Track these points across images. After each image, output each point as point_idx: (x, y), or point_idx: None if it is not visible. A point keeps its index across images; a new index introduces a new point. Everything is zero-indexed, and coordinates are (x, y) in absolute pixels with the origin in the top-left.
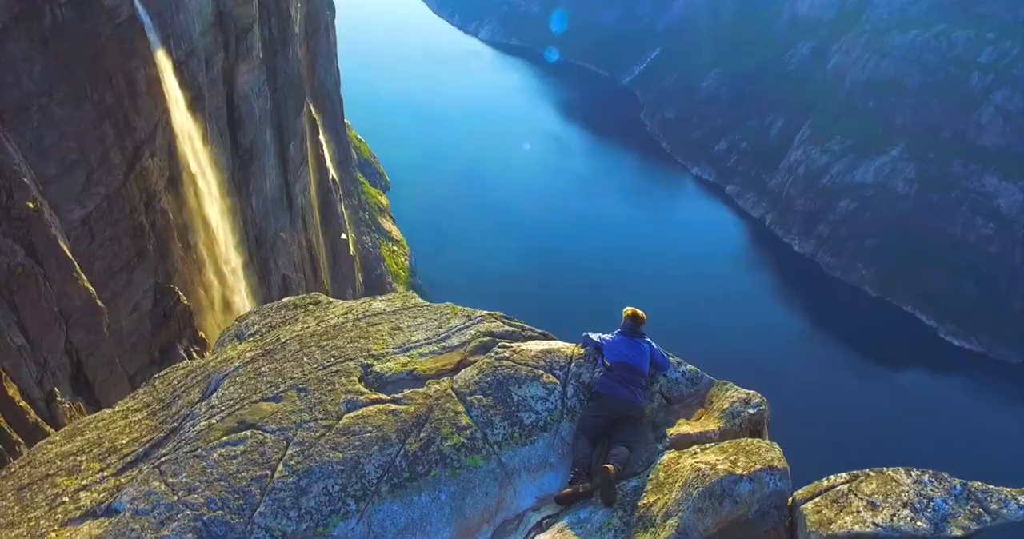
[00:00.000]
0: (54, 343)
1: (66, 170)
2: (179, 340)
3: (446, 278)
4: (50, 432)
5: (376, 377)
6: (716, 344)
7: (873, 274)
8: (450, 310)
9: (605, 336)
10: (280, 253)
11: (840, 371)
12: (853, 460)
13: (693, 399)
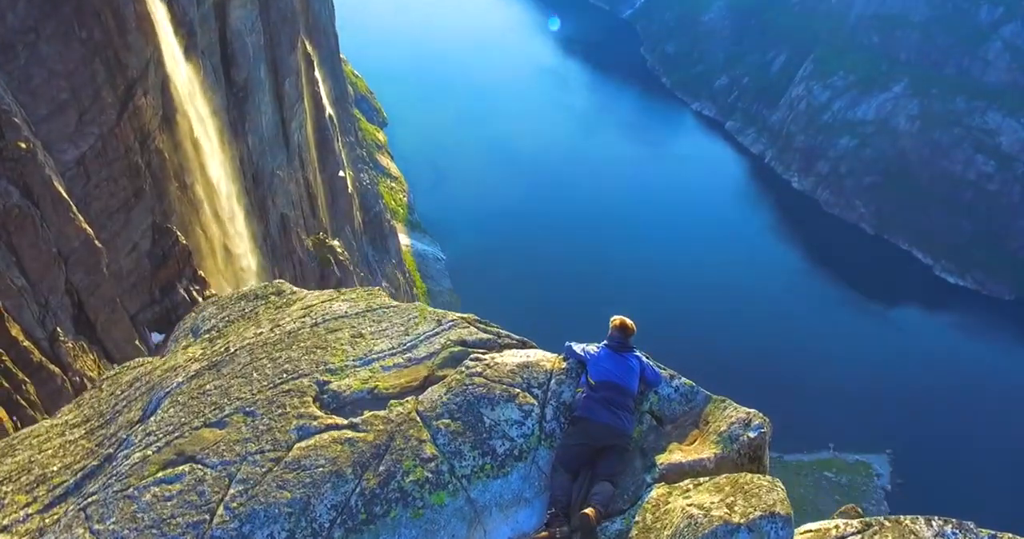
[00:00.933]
0: (54, 283)
1: (57, 110)
2: (179, 280)
3: (444, 215)
4: (55, 371)
5: (332, 396)
6: (713, 281)
7: (871, 212)
8: (419, 313)
9: (589, 348)
10: (278, 192)
11: (836, 308)
12: (848, 399)
13: (687, 418)
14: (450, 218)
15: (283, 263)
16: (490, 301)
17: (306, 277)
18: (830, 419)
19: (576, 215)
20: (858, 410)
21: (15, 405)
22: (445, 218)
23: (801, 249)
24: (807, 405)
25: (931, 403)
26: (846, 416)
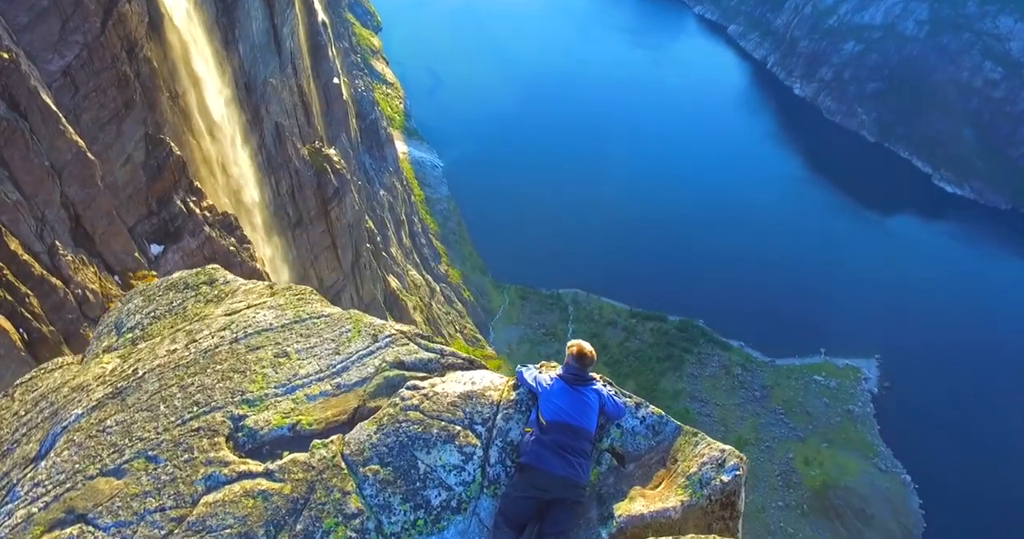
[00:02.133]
0: (49, 197)
1: (38, 18)
2: (175, 191)
3: (441, 122)
4: (57, 284)
5: (248, 435)
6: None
7: (873, 119)
8: (352, 325)
9: (543, 377)
10: (271, 100)
11: (833, 216)
12: (841, 305)
13: (653, 455)
14: (447, 125)
15: (279, 173)
16: (488, 208)
17: (303, 186)
18: (823, 325)
19: (574, 120)
20: (850, 316)
21: (21, 318)
22: (442, 125)
23: (800, 157)
24: (801, 311)
25: (923, 311)
26: (838, 322)
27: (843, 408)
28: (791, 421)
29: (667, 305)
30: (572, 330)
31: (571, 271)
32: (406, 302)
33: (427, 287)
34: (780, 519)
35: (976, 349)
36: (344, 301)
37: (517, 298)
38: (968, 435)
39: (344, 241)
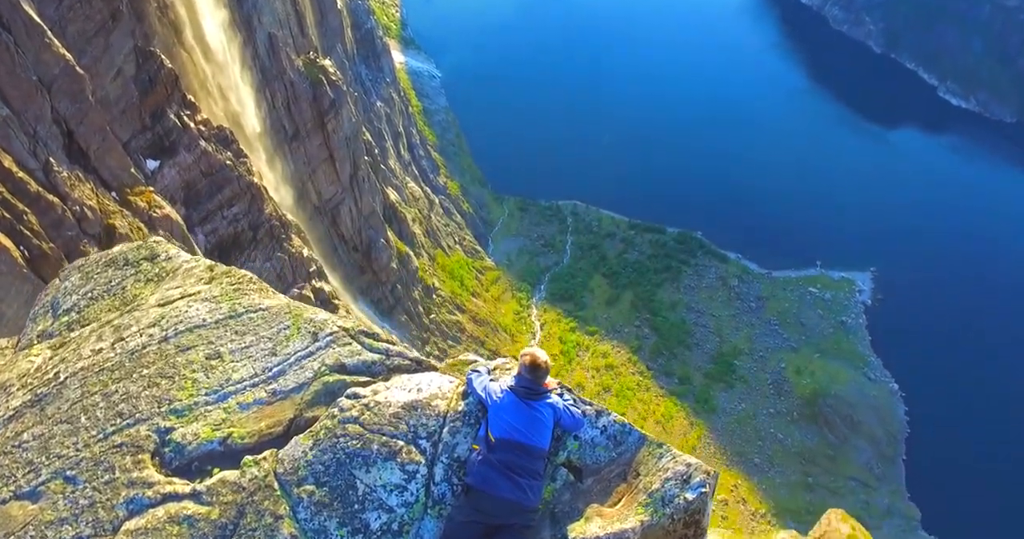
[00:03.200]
0: (40, 112)
1: None
2: (168, 105)
3: (439, 31)
4: (54, 201)
5: (176, 450)
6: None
7: (880, 29)
8: (292, 321)
9: (493, 387)
10: (263, 9)
11: (835, 127)
12: (839, 218)
13: (613, 468)
14: (445, 34)
15: (274, 85)
16: (487, 119)
17: (299, 99)
18: (820, 238)
19: (574, 29)
20: (848, 229)
21: (20, 235)
22: (440, 34)
23: (804, 67)
24: (799, 223)
25: (921, 224)
26: (836, 235)
27: (836, 319)
28: (785, 332)
29: (666, 217)
30: (571, 242)
31: (570, 183)
32: (405, 214)
33: (426, 199)
34: (770, 425)
35: (973, 263)
36: (343, 215)
37: (516, 210)
38: (956, 347)
39: (342, 154)
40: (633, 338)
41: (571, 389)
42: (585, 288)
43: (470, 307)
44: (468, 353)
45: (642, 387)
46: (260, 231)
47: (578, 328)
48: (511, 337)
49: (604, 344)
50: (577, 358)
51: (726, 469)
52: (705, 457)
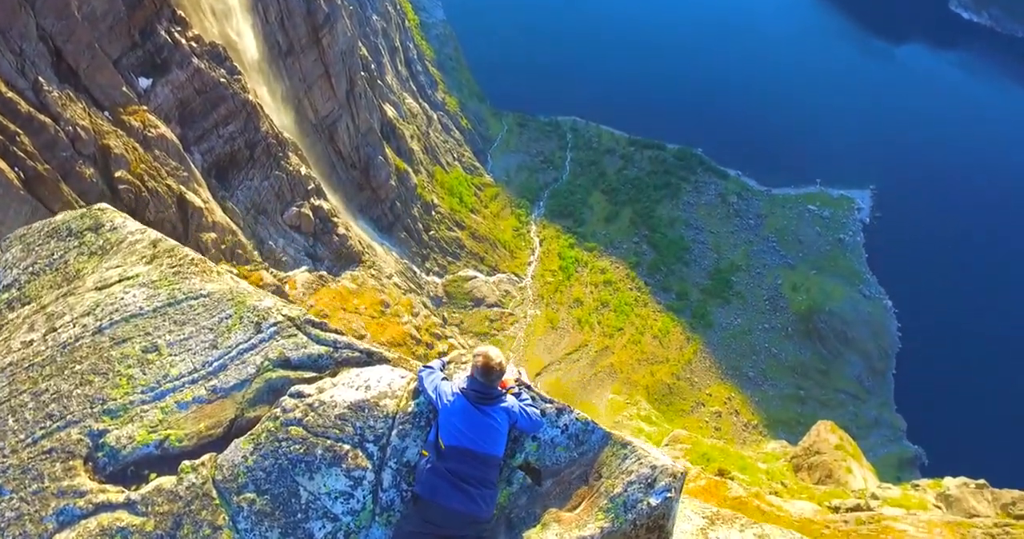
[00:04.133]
0: (25, 30)
1: None
2: (157, 20)
3: None
4: (46, 121)
5: (110, 455)
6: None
7: None
8: (234, 309)
9: (445, 387)
10: None
11: (840, 42)
12: (841, 134)
13: (574, 469)
14: None
15: None
16: (485, 33)
17: (292, 13)
18: (821, 155)
19: None
20: (850, 146)
21: (14, 157)
22: None
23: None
24: (800, 140)
25: (925, 142)
26: (837, 152)
27: (834, 237)
28: (782, 249)
29: (666, 133)
30: (570, 158)
31: (570, 98)
32: (403, 131)
33: (424, 115)
34: (765, 340)
35: (974, 183)
36: (340, 132)
37: (515, 125)
38: (952, 266)
39: (337, 70)
40: (631, 254)
41: (530, 385)
42: (584, 204)
43: (469, 223)
44: (467, 269)
45: (640, 302)
46: (257, 149)
47: (577, 244)
48: (510, 253)
49: (603, 260)
50: (576, 274)
51: (720, 382)
52: (700, 371)
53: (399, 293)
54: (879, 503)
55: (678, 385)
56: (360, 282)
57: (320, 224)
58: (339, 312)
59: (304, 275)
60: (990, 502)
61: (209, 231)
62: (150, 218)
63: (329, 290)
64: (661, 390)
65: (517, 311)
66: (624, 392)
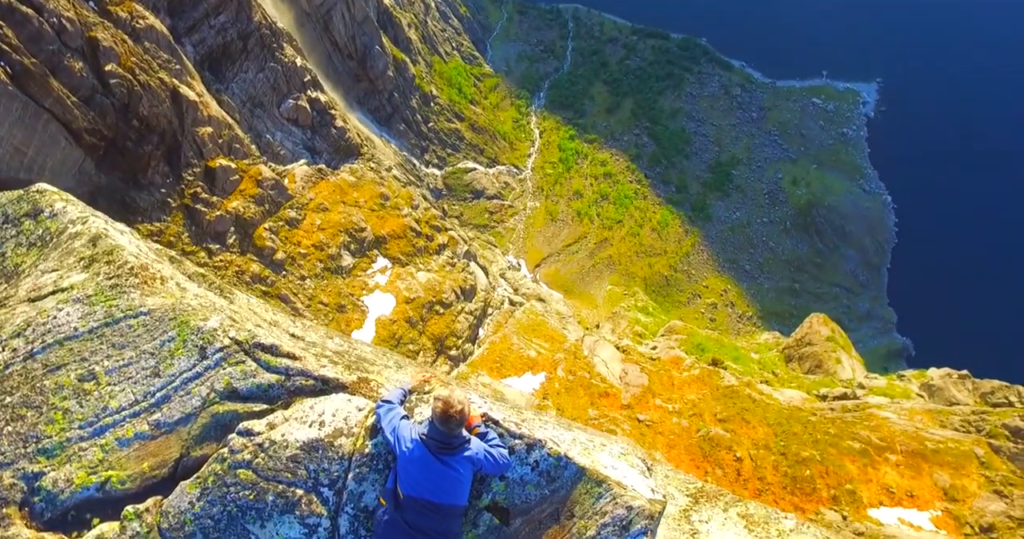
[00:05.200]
0: None
1: None
2: None
3: None
4: (28, 13)
5: (47, 500)
6: None
7: None
8: (177, 330)
9: (405, 430)
10: None
11: None
12: (849, 26)
13: (545, 508)
14: None
15: None
16: None
17: None
18: (828, 46)
19: None
20: (857, 38)
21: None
22: None
23: None
24: (808, 31)
25: (935, 33)
26: (844, 44)
27: (837, 131)
28: (784, 142)
29: (670, 22)
30: (572, 47)
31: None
32: (400, 19)
33: (421, 3)
34: (763, 233)
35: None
36: (335, 21)
37: (515, 13)
38: (954, 162)
39: None
40: (632, 146)
41: (499, 421)
42: (585, 95)
43: (469, 115)
44: (467, 161)
45: (639, 195)
46: (250, 41)
47: (577, 136)
48: (510, 145)
49: (603, 152)
50: (576, 166)
51: (717, 275)
52: (698, 263)
53: (398, 185)
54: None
55: (675, 277)
56: (359, 175)
57: (317, 116)
58: (338, 205)
59: (303, 168)
60: (970, 392)
61: (205, 125)
62: (144, 113)
63: (328, 183)
64: (658, 282)
65: (517, 203)
66: (622, 283)
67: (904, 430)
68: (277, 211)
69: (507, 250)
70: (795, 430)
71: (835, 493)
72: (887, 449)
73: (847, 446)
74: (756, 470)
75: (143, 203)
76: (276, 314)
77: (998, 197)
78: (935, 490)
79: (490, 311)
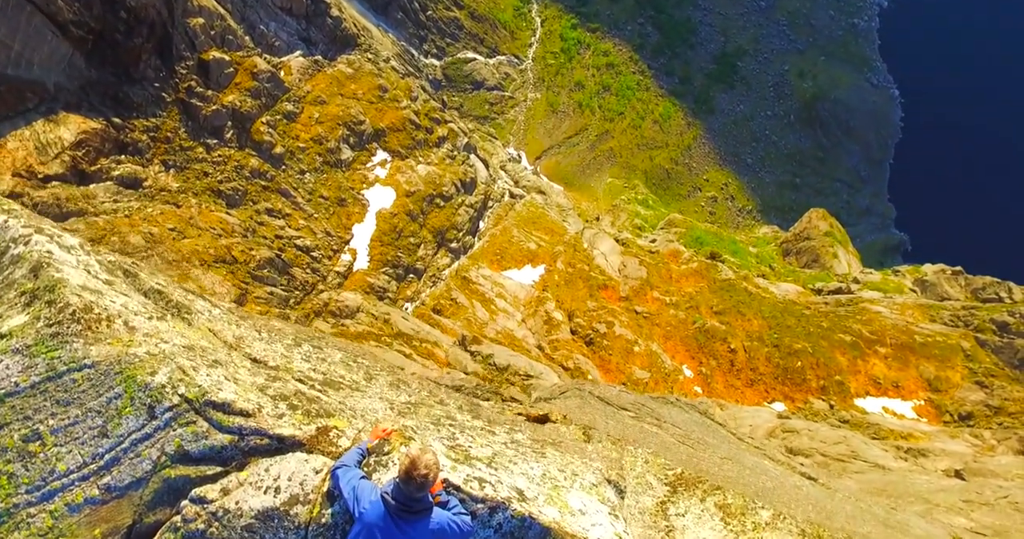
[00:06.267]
0: None
1: None
2: None
3: None
4: None
5: None
6: None
7: None
8: (123, 386)
9: (365, 490)
10: None
11: None
12: None
13: None
14: None
15: None
16: None
17: None
18: None
19: None
20: None
21: None
22: None
23: None
24: None
25: None
26: None
27: (848, 22)
28: (792, 33)
29: None
30: None
31: None
32: None
33: None
34: (766, 127)
35: None
36: None
37: None
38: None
39: None
40: (636, 36)
41: (459, 486)
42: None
43: (468, 2)
44: (466, 51)
45: (642, 86)
46: None
47: (580, 25)
48: (510, 34)
49: (606, 42)
50: (578, 56)
51: (718, 168)
52: (699, 156)
53: (397, 77)
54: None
55: (676, 170)
56: (356, 66)
57: (312, 5)
58: (336, 98)
59: (299, 60)
60: (963, 287)
61: (196, 16)
62: (131, 3)
63: (325, 75)
64: (659, 175)
65: (517, 94)
66: (622, 176)
67: (895, 324)
68: (274, 104)
69: (507, 142)
70: (789, 323)
71: (824, 384)
72: (877, 342)
73: (838, 339)
74: (749, 361)
75: (137, 98)
76: (240, 326)
77: (1007, 97)
78: (920, 381)
79: (490, 204)
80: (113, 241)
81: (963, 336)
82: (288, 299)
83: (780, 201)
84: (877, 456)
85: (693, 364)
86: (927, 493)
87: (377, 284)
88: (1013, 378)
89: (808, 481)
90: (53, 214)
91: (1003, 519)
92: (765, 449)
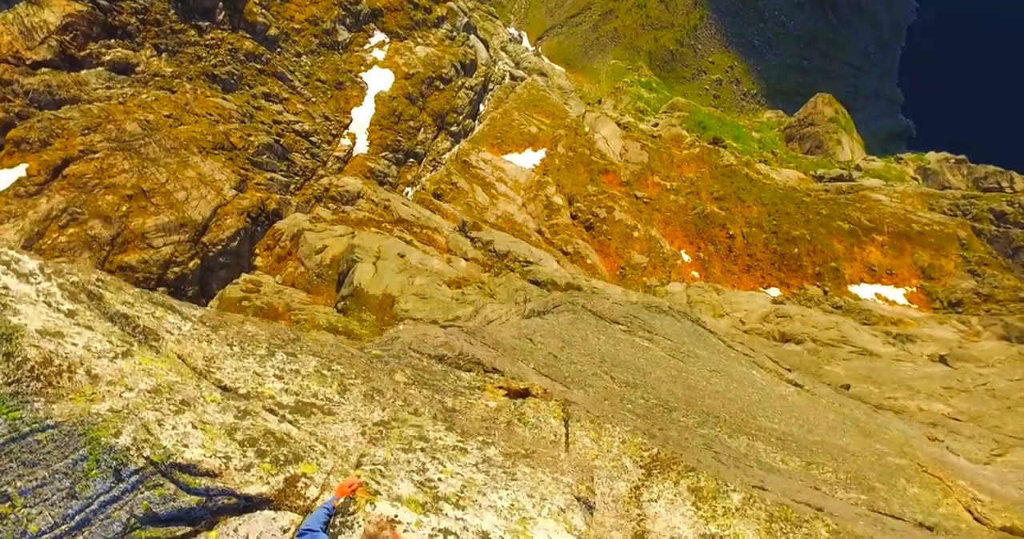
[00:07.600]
0: None
1: None
2: None
3: None
4: None
5: None
6: None
7: None
8: (88, 448)
9: None
10: None
11: None
12: None
13: None
14: None
15: None
16: None
17: None
18: None
19: None
20: None
21: None
22: None
23: None
24: None
25: None
26: None
27: None
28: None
29: None
30: None
31: None
32: None
33: None
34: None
35: None
36: None
37: None
38: None
39: None
40: None
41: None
42: None
43: None
44: None
45: None
46: None
47: None
48: None
49: None
50: None
51: (724, 50)
52: (705, 38)
53: None
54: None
55: (681, 52)
56: None
57: None
58: None
59: None
60: (964, 176)
61: None
62: None
63: None
64: (663, 56)
65: None
66: (626, 57)
67: (894, 212)
68: None
69: (508, 21)
70: (788, 210)
71: (820, 270)
72: (874, 230)
73: (837, 226)
74: (747, 247)
75: None
76: (211, 343)
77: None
78: (914, 269)
79: (491, 86)
80: (109, 129)
81: (960, 225)
82: (288, 185)
83: (786, 84)
84: (866, 341)
85: (691, 249)
86: (910, 380)
87: (377, 168)
88: (1005, 267)
89: (794, 388)
90: (46, 102)
91: (979, 405)
92: (754, 356)
